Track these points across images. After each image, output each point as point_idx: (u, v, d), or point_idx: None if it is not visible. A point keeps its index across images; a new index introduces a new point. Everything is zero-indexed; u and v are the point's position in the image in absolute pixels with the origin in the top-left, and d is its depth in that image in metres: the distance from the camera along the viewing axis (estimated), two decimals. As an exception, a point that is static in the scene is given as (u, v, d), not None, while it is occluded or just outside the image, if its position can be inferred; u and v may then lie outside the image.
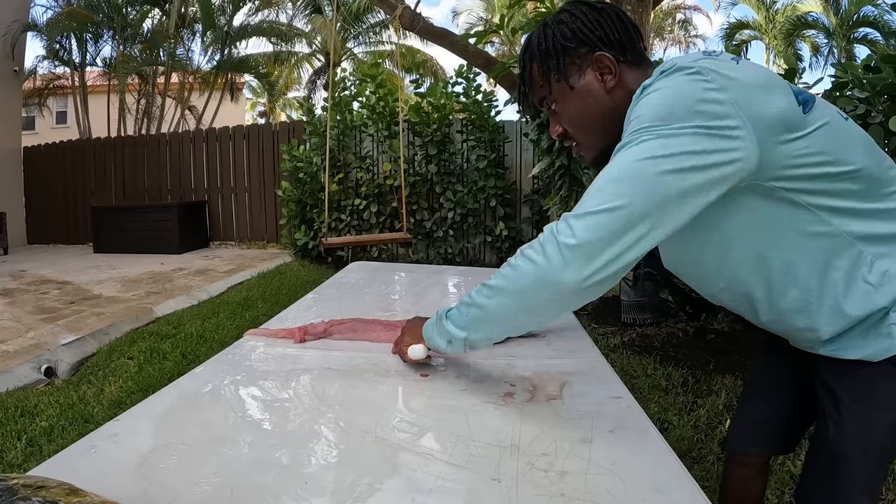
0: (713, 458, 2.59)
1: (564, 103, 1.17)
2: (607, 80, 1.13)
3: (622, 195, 0.91)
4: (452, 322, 1.13)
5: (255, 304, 5.68)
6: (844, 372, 1.10)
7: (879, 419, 1.09)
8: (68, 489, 0.65)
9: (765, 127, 0.93)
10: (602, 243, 0.91)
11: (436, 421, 1.05)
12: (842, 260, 1.03)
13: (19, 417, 3.13)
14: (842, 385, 1.12)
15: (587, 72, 1.13)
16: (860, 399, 1.10)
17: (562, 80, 1.15)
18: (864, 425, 1.10)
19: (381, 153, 8.12)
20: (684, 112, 0.92)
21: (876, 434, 1.10)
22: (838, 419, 1.12)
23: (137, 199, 10.83)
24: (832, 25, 18.49)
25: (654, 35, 22.22)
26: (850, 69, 2.84)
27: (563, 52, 1.14)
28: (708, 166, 0.91)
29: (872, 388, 1.08)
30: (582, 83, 1.14)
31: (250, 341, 1.54)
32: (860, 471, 1.13)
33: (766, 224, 1.03)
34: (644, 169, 0.91)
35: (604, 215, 0.91)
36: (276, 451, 0.92)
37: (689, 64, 0.98)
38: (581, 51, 1.13)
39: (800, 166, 0.97)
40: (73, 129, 15.15)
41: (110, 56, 14.82)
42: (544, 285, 0.96)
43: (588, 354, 1.44)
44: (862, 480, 1.13)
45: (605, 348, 4.14)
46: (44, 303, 5.77)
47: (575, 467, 0.87)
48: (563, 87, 1.15)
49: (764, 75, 1.01)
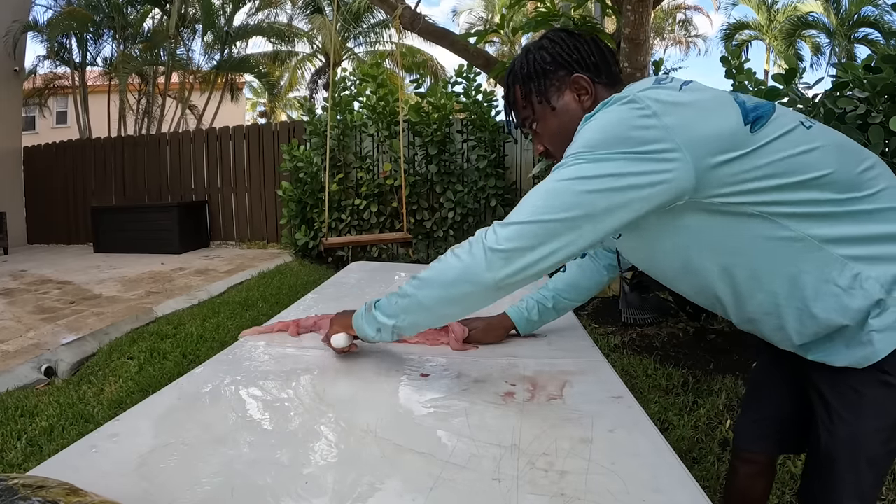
0: (713, 458, 2.59)
1: (545, 123, 1.25)
2: (584, 100, 1.22)
3: (545, 210, 1.01)
4: (381, 311, 1.20)
5: (255, 304, 5.68)
6: (834, 378, 1.12)
7: (868, 426, 1.11)
8: (68, 489, 0.65)
9: (702, 149, 0.98)
10: (520, 251, 1.02)
11: (436, 420, 1.05)
12: (808, 263, 1.04)
13: (19, 417, 3.13)
14: (832, 391, 1.14)
15: (565, 93, 1.23)
16: (849, 405, 1.12)
17: (543, 100, 1.24)
18: (854, 432, 1.12)
19: (382, 153, 8.11)
20: (615, 138, 0.99)
21: (866, 440, 1.12)
22: (829, 425, 1.15)
23: (138, 198, 10.83)
24: (833, 25, 18.49)
25: (654, 35, 22.22)
26: (850, 69, 2.84)
27: (544, 74, 1.23)
28: (632, 187, 0.98)
29: (861, 394, 1.10)
30: (561, 103, 1.23)
31: (250, 341, 1.54)
32: (851, 476, 1.15)
33: (720, 236, 1.07)
34: (569, 187, 1.00)
35: (526, 226, 1.02)
36: (277, 451, 0.92)
37: (626, 94, 1.03)
38: (560, 73, 1.23)
39: (745, 181, 1.01)
40: (73, 128, 15.18)
41: (111, 56, 14.86)
42: (467, 281, 1.07)
43: (588, 354, 1.44)
44: (854, 486, 1.15)
45: (606, 348, 4.14)
46: (44, 303, 5.77)
47: (575, 467, 0.87)
48: (544, 107, 1.24)
49: (710, 98, 1.05)
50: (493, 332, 1.57)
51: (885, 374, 1.06)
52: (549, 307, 1.59)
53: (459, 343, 1.48)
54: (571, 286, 1.61)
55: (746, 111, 1.03)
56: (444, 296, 1.11)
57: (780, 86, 3.12)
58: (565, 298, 1.61)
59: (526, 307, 1.60)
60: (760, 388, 1.47)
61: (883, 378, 1.07)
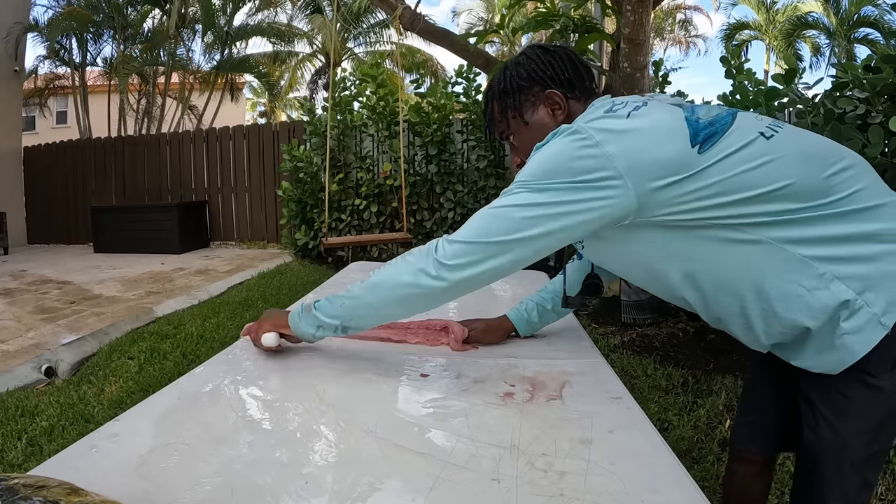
0: (713, 459, 2.59)
1: (521, 136, 1.30)
2: (557, 115, 1.26)
3: (486, 233, 1.12)
4: (323, 312, 1.26)
5: (255, 303, 5.68)
6: (818, 381, 1.14)
7: (852, 428, 1.13)
8: (69, 489, 0.66)
9: (643, 175, 1.03)
10: (462, 266, 1.13)
11: (436, 421, 1.05)
12: (770, 264, 1.06)
13: (20, 417, 3.13)
14: (817, 394, 1.17)
15: (539, 107, 1.28)
16: (834, 408, 1.14)
17: (517, 115, 1.29)
18: (838, 434, 1.14)
19: (382, 153, 8.11)
20: (557, 168, 1.07)
21: (850, 443, 1.14)
22: (815, 427, 1.17)
23: (138, 198, 10.82)
24: (832, 26, 18.49)
25: (654, 35, 22.21)
26: (850, 69, 2.84)
27: (519, 90, 1.28)
28: (569, 213, 1.06)
29: (845, 397, 1.12)
30: (536, 118, 1.28)
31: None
32: (835, 479, 1.16)
33: (677, 246, 1.12)
34: (509, 213, 1.10)
35: (468, 246, 1.13)
36: (277, 451, 0.93)
37: (573, 125, 1.09)
38: (535, 89, 1.27)
39: (693, 200, 1.05)
40: (73, 128, 15.18)
41: (111, 56, 14.88)
42: (417, 286, 1.15)
43: (588, 354, 1.44)
44: (838, 488, 1.17)
45: (605, 348, 4.14)
46: (44, 303, 5.78)
47: (574, 467, 0.87)
48: (518, 122, 1.30)
49: (657, 123, 1.08)
50: (492, 334, 1.57)
51: (867, 376, 1.08)
52: (549, 309, 1.60)
53: (459, 344, 1.49)
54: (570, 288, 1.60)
55: (697, 130, 1.06)
56: (391, 297, 1.19)
57: (780, 86, 3.12)
58: None
59: (526, 309, 1.60)
60: (755, 388, 1.50)
61: (865, 379, 1.08)
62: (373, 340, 1.56)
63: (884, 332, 1.03)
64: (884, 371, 1.07)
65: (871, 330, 1.04)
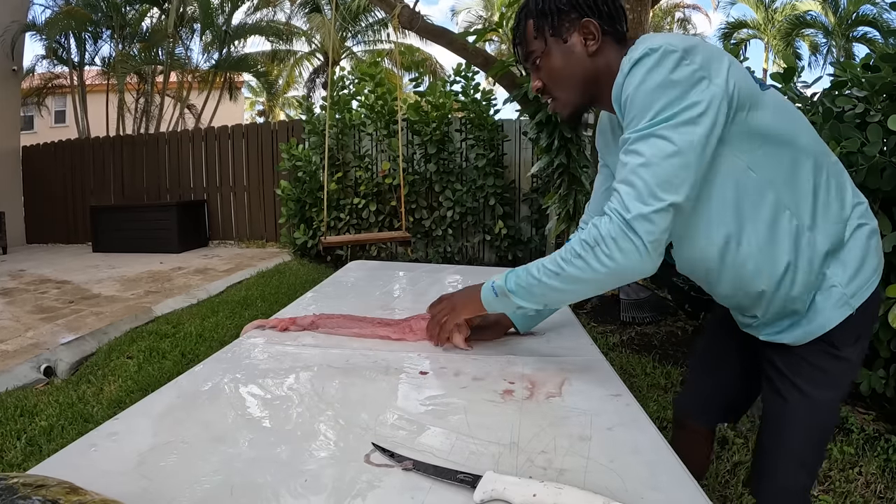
0: (712, 456, 2.60)
1: (549, 59, 1.27)
2: (590, 45, 1.24)
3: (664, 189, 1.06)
4: (524, 300, 1.26)
5: (254, 303, 5.68)
6: (790, 353, 1.26)
7: (825, 395, 1.26)
8: (68, 488, 0.66)
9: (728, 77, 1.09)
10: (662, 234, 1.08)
11: (435, 418, 1.05)
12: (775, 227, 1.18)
13: (19, 417, 3.13)
14: (786, 364, 1.28)
15: (574, 34, 1.25)
16: (805, 377, 1.25)
17: (555, 35, 1.26)
18: (810, 400, 1.25)
19: (380, 152, 8.11)
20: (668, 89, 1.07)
21: (818, 410, 1.26)
22: (785, 395, 1.28)
23: (136, 198, 10.81)
24: (831, 24, 18.49)
25: (652, 33, 22.19)
26: (848, 68, 2.84)
27: (557, 12, 1.25)
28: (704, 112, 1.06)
29: (815, 367, 1.24)
30: (569, 43, 1.26)
31: (250, 339, 1.54)
32: (800, 445, 1.29)
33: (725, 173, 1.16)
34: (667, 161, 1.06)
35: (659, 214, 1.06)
36: (276, 449, 0.93)
37: (649, 47, 1.10)
38: (572, 15, 1.24)
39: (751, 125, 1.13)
40: (71, 128, 15.16)
41: (109, 55, 14.85)
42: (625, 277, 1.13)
43: (587, 352, 1.44)
44: (802, 455, 1.30)
45: (605, 347, 4.14)
46: (43, 302, 5.77)
47: (574, 465, 0.87)
48: (552, 42, 1.26)
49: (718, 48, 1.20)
50: (492, 331, 1.57)
51: (833, 348, 1.21)
52: None
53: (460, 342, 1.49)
54: None
55: None
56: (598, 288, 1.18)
57: (779, 84, 3.12)
58: None
59: None
60: (707, 360, 1.63)
61: (832, 351, 1.22)
62: (372, 338, 1.56)
63: (850, 312, 1.18)
64: (848, 344, 1.22)
65: (841, 308, 1.18)
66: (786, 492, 1.33)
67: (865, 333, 1.26)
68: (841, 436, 2.74)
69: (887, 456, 2.54)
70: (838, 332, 1.19)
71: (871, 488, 2.38)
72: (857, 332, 1.22)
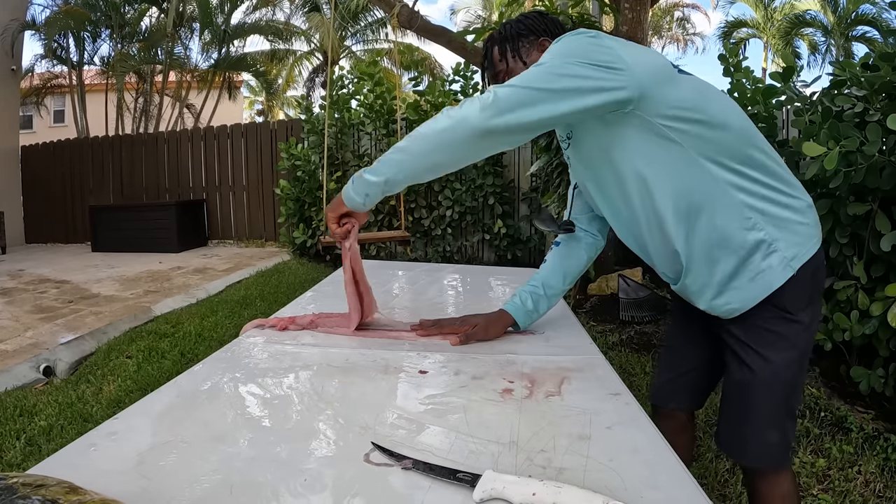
0: (711, 456, 2.60)
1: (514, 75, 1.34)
2: None
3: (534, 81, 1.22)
4: (371, 173, 1.34)
5: (253, 302, 5.68)
6: (747, 323, 1.37)
7: (783, 357, 1.36)
8: (68, 487, 0.66)
9: (646, 72, 1.24)
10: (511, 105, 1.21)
11: (434, 417, 1.05)
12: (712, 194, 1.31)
13: (18, 417, 3.13)
14: (746, 334, 1.39)
15: (533, 53, 1.52)
16: (764, 342, 1.37)
17: (515, 56, 1.54)
18: (771, 364, 1.36)
19: (380, 151, 8.09)
20: (577, 52, 1.24)
21: (782, 371, 1.37)
22: (749, 362, 1.39)
23: (135, 197, 10.81)
24: (830, 23, 18.49)
25: (652, 33, 22.20)
26: (848, 67, 2.84)
27: (517, 36, 1.55)
28: (589, 85, 1.21)
29: (772, 332, 1.36)
30: (530, 60, 1.50)
31: (250, 338, 1.54)
32: (768, 406, 1.39)
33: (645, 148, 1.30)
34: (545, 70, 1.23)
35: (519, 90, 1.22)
36: (276, 448, 0.93)
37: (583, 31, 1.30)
38: (530, 37, 1.54)
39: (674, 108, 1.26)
40: (70, 127, 15.17)
41: (108, 55, 14.84)
42: (458, 126, 1.23)
43: (586, 351, 1.44)
44: (770, 415, 1.40)
45: (604, 346, 4.14)
46: (42, 302, 5.77)
47: (573, 463, 0.87)
48: (517, 61, 1.53)
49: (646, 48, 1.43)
50: (492, 328, 1.59)
51: (786, 313, 1.34)
52: (542, 294, 1.66)
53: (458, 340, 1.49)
54: (556, 273, 1.69)
55: None
56: (435, 142, 1.27)
57: (778, 83, 3.12)
58: (553, 285, 1.68)
59: (521, 299, 1.64)
60: (674, 348, 1.75)
61: (786, 316, 1.34)
62: (372, 337, 1.56)
63: (791, 273, 1.30)
64: (800, 308, 1.34)
65: (782, 270, 1.30)
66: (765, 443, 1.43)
67: (815, 296, 1.39)
68: (840, 435, 2.75)
69: (886, 455, 2.54)
70: (788, 297, 1.32)
71: (870, 487, 2.38)
72: (807, 295, 1.36)
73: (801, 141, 2.59)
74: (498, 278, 2.48)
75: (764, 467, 1.48)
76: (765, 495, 1.50)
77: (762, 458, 1.45)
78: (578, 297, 5.39)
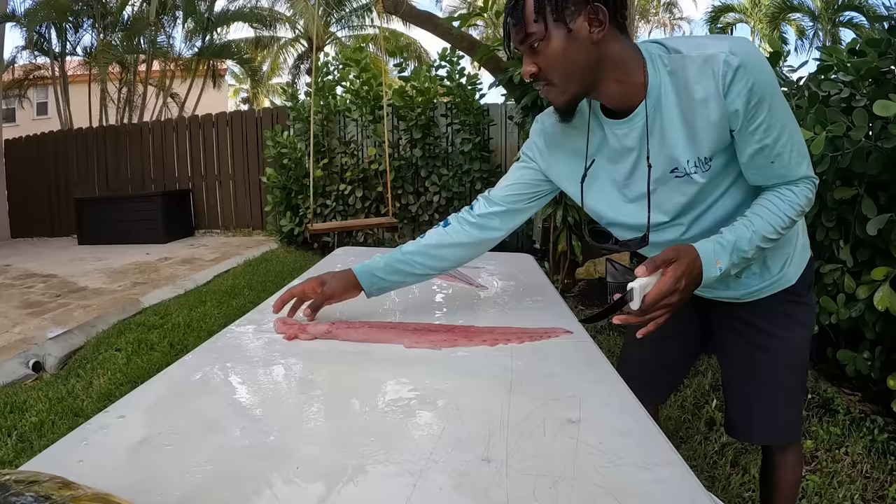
0: (700, 438, 2.63)
1: (550, 43, 1.17)
2: (595, 32, 1.15)
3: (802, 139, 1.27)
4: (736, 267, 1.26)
5: (241, 291, 5.67)
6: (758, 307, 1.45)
7: (799, 336, 1.48)
8: (61, 483, 0.66)
9: None
10: None
11: (425, 403, 1.05)
12: None
13: (9, 413, 3.12)
14: (762, 320, 1.47)
15: (579, 18, 1.14)
16: (781, 324, 1.46)
17: (558, 19, 1.14)
18: (789, 343, 1.47)
19: (366, 138, 8.08)
20: None
21: (799, 349, 1.48)
22: (766, 344, 1.47)
23: (121, 189, 10.74)
24: (817, 9, 18.51)
25: (638, 17, 22.17)
26: (835, 53, 2.85)
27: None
28: None
29: (784, 314, 1.45)
30: (574, 28, 1.15)
31: (240, 327, 1.54)
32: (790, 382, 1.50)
33: None
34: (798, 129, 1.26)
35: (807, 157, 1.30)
36: (268, 437, 0.93)
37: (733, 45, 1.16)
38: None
39: None
40: (54, 119, 15.00)
41: (91, 45, 14.66)
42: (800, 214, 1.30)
43: (576, 336, 1.45)
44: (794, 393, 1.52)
45: (592, 330, 4.16)
46: (29, 297, 5.74)
47: (564, 447, 0.88)
48: (555, 26, 1.15)
49: None
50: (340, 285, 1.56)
51: (796, 296, 1.45)
52: (399, 268, 1.57)
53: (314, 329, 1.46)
54: (424, 252, 1.57)
55: None
56: None
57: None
58: (419, 263, 1.57)
59: (372, 264, 1.57)
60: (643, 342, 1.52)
61: (795, 300, 1.45)
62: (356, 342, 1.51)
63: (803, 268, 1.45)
64: (804, 293, 1.47)
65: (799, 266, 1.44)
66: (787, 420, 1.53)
67: (812, 282, 1.52)
68: (827, 417, 2.78)
69: (873, 436, 2.58)
70: (797, 283, 1.44)
71: (857, 468, 2.42)
72: (808, 282, 1.48)
73: (787, 125, 2.60)
74: (485, 263, 2.48)
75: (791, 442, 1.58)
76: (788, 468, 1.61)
77: (790, 434, 1.56)
78: (566, 282, 5.40)
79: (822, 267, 2.78)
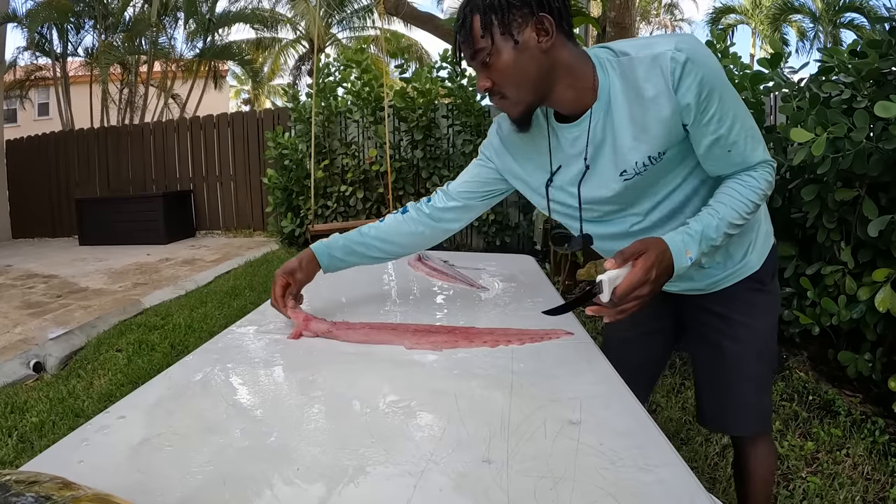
0: (701, 440, 2.62)
1: (500, 56, 1.20)
2: (542, 42, 1.19)
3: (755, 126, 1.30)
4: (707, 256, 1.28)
5: (242, 292, 5.67)
6: (724, 298, 1.49)
7: (763, 323, 1.51)
8: (61, 483, 0.66)
9: None
10: None
11: (426, 404, 1.05)
12: None
13: (9, 414, 3.12)
14: (727, 308, 1.50)
15: (525, 30, 1.18)
16: (745, 311, 1.49)
17: (505, 33, 1.18)
18: (753, 330, 1.49)
19: (367, 139, 8.08)
20: None
21: (764, 335, 1.51)
22: (733, 333, 1.50)
23: (122, 189, 10.75)
24: (818, 10, 18.53)
25: (640, 19, 22.18)
26: (835, 54, 2.85)
27: (508, 7, 1.17)
28: None
29: (749, 302, 1.49)
30: (521, 39, 1.18)
31: (241, 328, 1.54)
32: (758, 370, 1.51)
33: None
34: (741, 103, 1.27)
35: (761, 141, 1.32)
36: (268, 438, 0.93)
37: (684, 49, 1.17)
38: (524, 10, 1.17)
39: None
40: (55, 120, 15.02)
41: (92, 46, 14.68)
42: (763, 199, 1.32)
43: (577, 336, 1.44)
44: (762, 382, 1.54)
45: (593, 330, 4.16)
46: (30, 297, 5.74)
47: (564, 448, 0.88)
48: (505, 40, 1.18)
49: None
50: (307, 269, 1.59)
51: (759, 284, 1.48)
52: (357, 250, 1.62)
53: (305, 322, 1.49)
54: (382, 237, 1.63)
55: None
56: None
57: (766, 70, 3.13)
58: (376, 247, 1.64)
59: (332, 243, 1.61)
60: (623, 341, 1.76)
61: (759, 287, 1.49)
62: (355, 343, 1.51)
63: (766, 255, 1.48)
64: (768, 280, 1.51)
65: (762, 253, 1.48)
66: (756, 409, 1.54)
67: (775, 269, 1.57)
68: (828, 418, 2.78)
69: (874, 438, 2.57)
70: (760, 271, 1.47)
71: (858, 469, 2.41)
72: (771, 269, 1.52)
73: (788, 127, 2.60)
74: (486, 264, 2.48)
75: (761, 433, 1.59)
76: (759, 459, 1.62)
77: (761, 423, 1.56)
78: (567, 283, 5.40)
79: (824, 268, 2.78)
